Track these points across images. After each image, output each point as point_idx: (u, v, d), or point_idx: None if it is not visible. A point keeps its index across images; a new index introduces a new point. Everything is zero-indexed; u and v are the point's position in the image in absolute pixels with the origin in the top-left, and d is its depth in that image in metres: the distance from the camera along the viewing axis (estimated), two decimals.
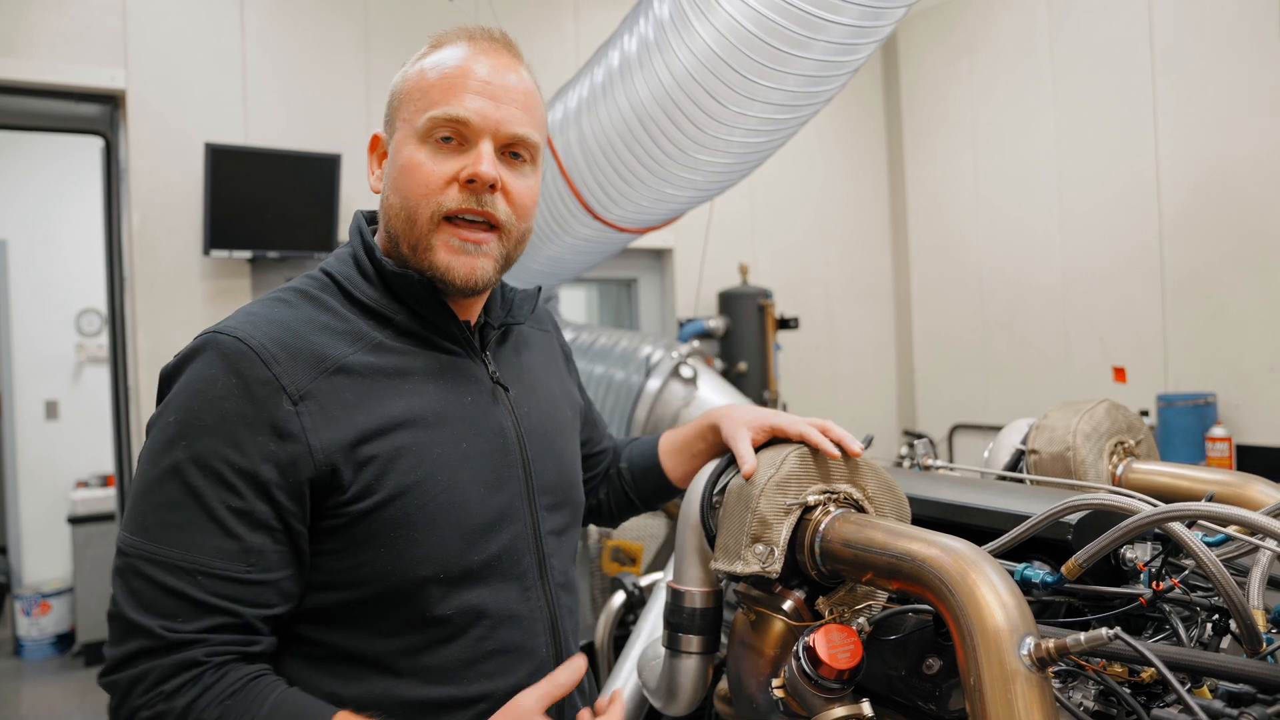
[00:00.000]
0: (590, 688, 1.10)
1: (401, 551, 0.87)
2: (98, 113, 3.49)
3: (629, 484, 1.25)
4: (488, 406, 0.97)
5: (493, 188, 0.92)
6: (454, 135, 0.91)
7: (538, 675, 0.94)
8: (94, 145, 3.71)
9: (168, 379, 0.86)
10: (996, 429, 1.46)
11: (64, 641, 4.63)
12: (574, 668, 0.90)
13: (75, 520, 4.58)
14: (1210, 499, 0.83)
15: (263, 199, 3.51)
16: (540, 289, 1.13)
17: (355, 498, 0.85)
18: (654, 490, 1.24)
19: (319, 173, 3.60)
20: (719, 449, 1.13)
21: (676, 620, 1.06)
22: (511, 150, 0.95)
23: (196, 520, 0.80)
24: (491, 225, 0.94)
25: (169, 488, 0.81)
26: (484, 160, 0.91)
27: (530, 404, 1.03)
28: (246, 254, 3.52)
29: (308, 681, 0.87)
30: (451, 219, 0.92)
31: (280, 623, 0.85)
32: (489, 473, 0.94)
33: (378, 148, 0.99)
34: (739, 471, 0.99)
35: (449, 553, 0.89)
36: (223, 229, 3.44)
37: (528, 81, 0.97)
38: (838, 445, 0.97)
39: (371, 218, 1.02)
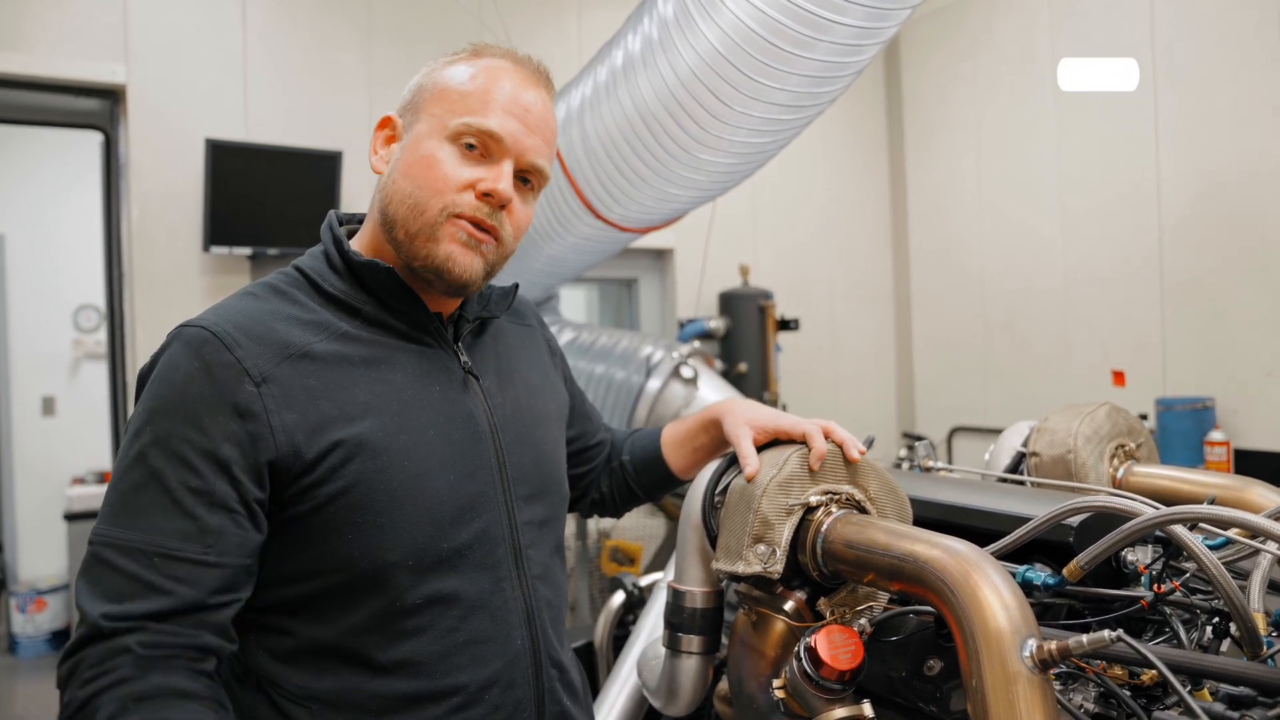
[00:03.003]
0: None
1: (367, 538, 0.87)
2: (98, 107, 3.48)
3: (631, 476, 1.26)
4: (458, 395, 0.98)
5: (503, 207, 0.96)
6: (480, 145, 0.94)
7: (512, 668, 0.94)
8: (94, 140, 3.71)
9: (144, 377, 0.88)
10: (996, 431, 1.46)
11: (59, 638, 4.61)
12: None
13: (71, 517, 4.55)
14: (1211, 502, 0.83)
15: (263, 195, 3.51)
16: (517, 286, 1.14)
17: (318, 482, 0.85)
18: (656, 482, 1.25)
19: (320, 170, 3.60)
20: (721, 444, 1.14)
21: (677, 620, 1.06)
22: (524, 175, 0.98)
23: (157, 502, 0.81)
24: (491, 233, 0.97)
25: (134, 473, 0.82)
26: (504, 179, 0.94)
27: (505, 394, 1.04)
28: (246, 251, 3.52)
29: (278, 674, 0.87)
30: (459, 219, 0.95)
31: (240, 616, 0.85)
32: (458, 460, 0.94)
33: (387, 128, 1.01)
34: (741, 471, 0.99)
35: (416, 540, 0.89)
36: (223, 225, 3.43)
37: (552, 117, 1.01)
38: (839, 448, 0.98)
39: (344, 219, 1.05)
